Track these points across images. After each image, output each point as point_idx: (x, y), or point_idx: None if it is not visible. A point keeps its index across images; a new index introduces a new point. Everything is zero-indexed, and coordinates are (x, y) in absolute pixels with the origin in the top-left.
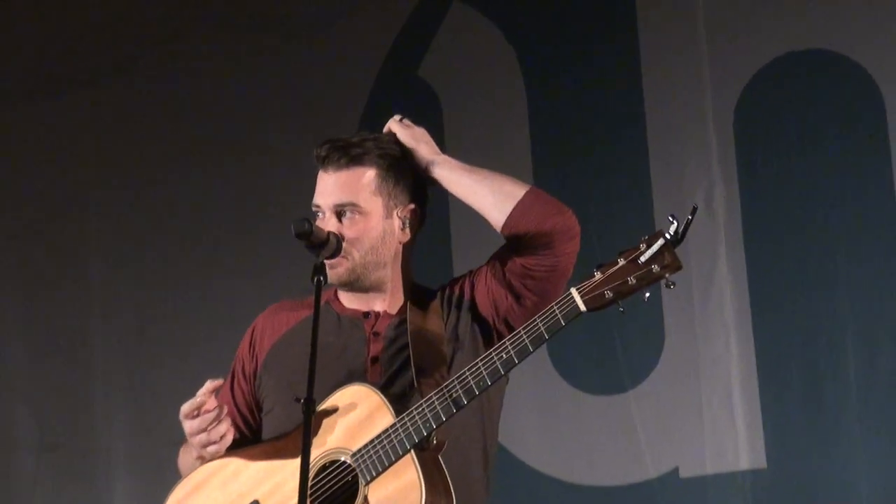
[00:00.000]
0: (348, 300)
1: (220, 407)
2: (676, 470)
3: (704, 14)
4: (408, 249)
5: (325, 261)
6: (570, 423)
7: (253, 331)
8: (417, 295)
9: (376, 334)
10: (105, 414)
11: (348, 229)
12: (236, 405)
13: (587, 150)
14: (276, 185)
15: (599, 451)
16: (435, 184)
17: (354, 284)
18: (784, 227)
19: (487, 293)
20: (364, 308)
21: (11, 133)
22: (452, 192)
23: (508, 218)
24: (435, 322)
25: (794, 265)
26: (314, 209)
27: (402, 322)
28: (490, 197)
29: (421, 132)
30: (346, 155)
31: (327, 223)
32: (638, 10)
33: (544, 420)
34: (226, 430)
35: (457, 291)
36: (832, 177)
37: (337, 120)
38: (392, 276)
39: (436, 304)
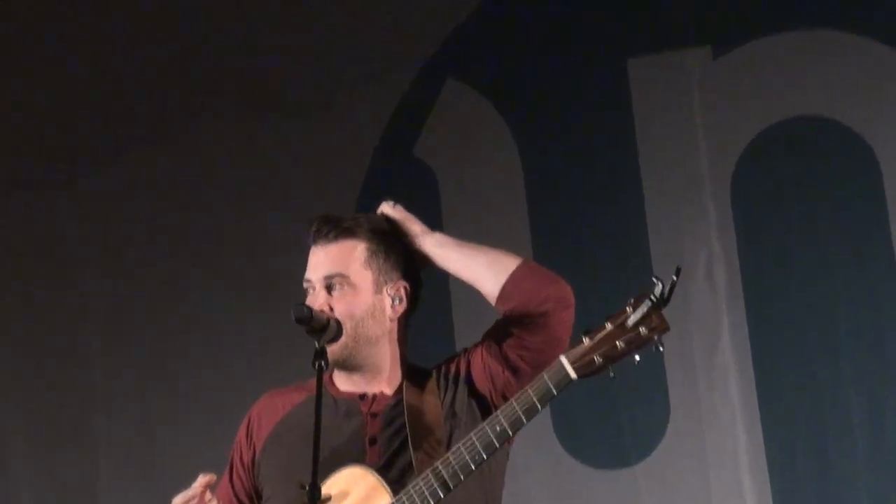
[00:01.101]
0: (343, 383)
1: (213, 500)
2: None
3: (699, 84)
4: (401, 329)
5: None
6: (576, 497)
7: (249, 419)
8: (413, 374)
9: (374, 415)
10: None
11: (337, 301)
12: (235, 494)
13: (585, 223)
14: (272, 267)
15: None
16: (429, 264)
17: (347, 362)
18: (786, 296)
19: (484, 368)
20: (360, 390)
21: (10, 219)
22: (446, 269)
23: (502, 290)
24: (432, 401)
25: (797, 334)
26: (305, 285)
27: (399, 402)
28: (484, 270)
29: (412, 216)
30: (337, 228)
31: (317, 297)
32: (631, 81)
33: (550, 494)
34: None
35: (453, 369)
36: (831, 244)
37: (333, 201)
38: (388, 355)
39: (432, 383)
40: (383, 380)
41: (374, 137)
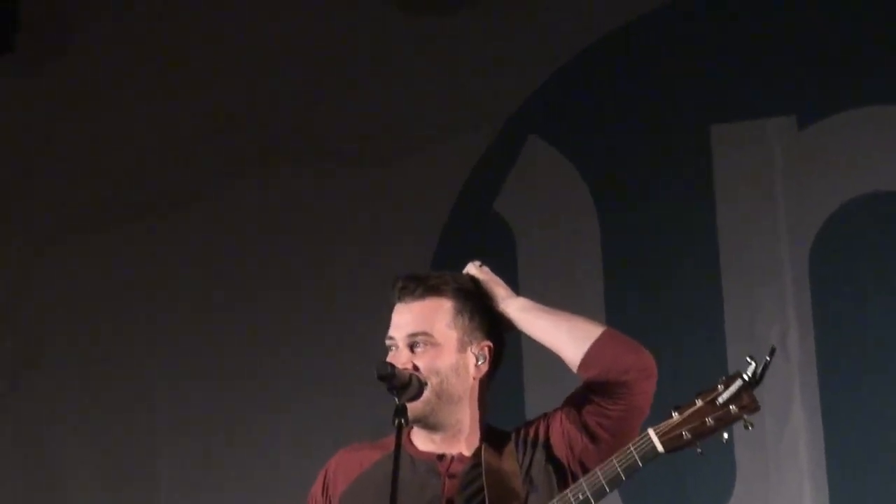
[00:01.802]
0: (422, 442)
1: None
2: None
3: (782, 153)
4: (482, 389)
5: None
6: None
7: (326, 474)
8: (492, 436)
9: (452, 476)
10: None
11: (419, 359)
12: None
13: (661, 289)
14: (344, 317)
15: None
16: (511, 328)
17: (429, 419)
18: (860, 369)
19: (563, 434)
20: (438, 450)
21: (79, 257)
22: (528, 333)
23: (585, 357)
24: (510, 464)
25: (870, 408)
26: (388, 342)
27: (478, 464)
28: (566, 336)
29: (498, 278)
30: (423, 285)
31: (400, 355)
32: (713, 148)
33: None
34: None
35: (531, 433)
36: None
37: (410, 254)
38: (469, 415)
39: (510, 446)
40: (462, 440)
41: (453, 191)
